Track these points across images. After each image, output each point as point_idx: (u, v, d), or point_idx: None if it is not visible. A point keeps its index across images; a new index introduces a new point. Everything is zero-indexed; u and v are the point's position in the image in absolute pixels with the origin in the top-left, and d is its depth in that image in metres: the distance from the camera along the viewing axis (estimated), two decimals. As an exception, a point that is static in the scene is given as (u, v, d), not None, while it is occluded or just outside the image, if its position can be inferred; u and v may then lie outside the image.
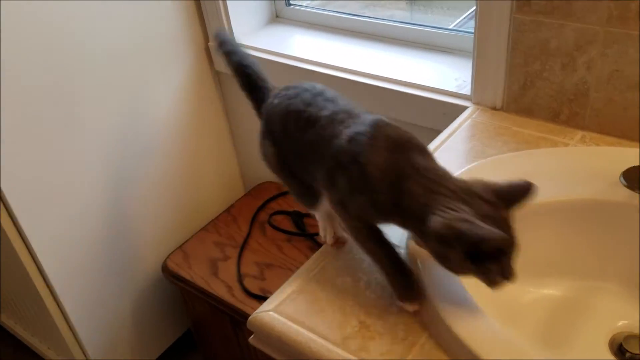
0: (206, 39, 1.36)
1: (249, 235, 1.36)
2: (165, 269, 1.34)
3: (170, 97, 1.34)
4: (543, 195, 0.75)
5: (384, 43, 1.24)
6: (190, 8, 1.30)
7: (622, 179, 0.75)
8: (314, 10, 1.35)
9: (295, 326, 0.63)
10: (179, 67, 1.34)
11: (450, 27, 1.22)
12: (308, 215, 1.36)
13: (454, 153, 0.88)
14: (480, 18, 0.91)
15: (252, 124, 1.49)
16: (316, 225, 0.77)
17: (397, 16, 1.31)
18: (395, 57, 1.20)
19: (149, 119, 1.32)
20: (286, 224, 1.38)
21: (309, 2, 1.38)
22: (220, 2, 1.27)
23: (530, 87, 0.90)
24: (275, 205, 1.44)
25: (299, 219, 1.38)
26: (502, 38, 0.89)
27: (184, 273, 1.30)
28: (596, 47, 0.81)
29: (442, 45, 1.18)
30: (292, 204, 1.42)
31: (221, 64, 1.37)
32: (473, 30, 0.93)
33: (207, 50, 1.37)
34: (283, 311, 0.65)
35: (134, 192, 1.34)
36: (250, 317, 0.65)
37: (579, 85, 0.85)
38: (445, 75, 1.10)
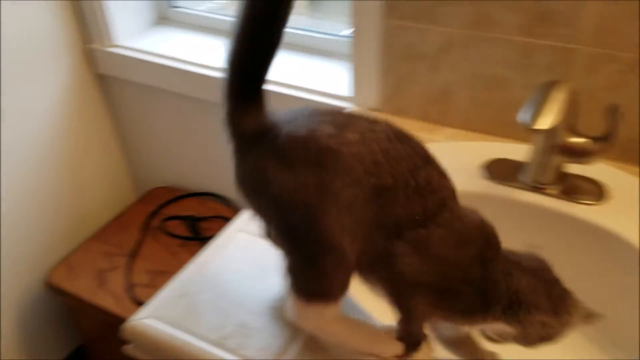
0: (85, 40, 1.30)
1: (140, 242, 1.32)
2: (48, 283, 1.27)
3: (46, 102, 1.27)
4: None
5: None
6: (67, 9, 1.24)
7: (483, 170, 0.81)
8: (200, 13, 1.34)
9: (172, 331, 0.63)
10: (56, 70, 1.27)
11: (343, 33, 1.25)
12: (203, 219, 1.35)
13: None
14: (356, 23, 0.94)
15: (143, 127, 1.46)
16: (212, 229, 0.76)
17: (296, 21, 1.32)
18: (286, 62, 1.21)
19: (25, 124, 1.24)
20: (181, 229, 1.36)
21: (200, 3, 1.36)
22: (98, 3, 1.22)
23: (403, 89, 0.95)
24: (168, 211, 1.41)
25: (193, 223, 1.36)
26: (376, 42, 0.93)
27: (69, 286, 1.24)
28: (458, 49, 0.87)
29: (333, 50, 1.21)
30: (187, 208, 1.40)
31: (105, 67, 1.32)
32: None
33: (88, 52, 1.31)
34: (160, 317, 0.64)
35: (12, 201, 1.26)
36: (124, 326, 0.64)
37: (444, 85, 0.91)
38: (335, 79, 1.12)
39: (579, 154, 0.71)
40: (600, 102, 0.73)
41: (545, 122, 0.63)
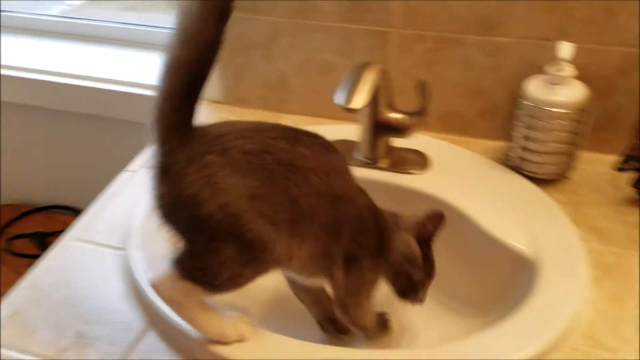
0: None
1: (-17, 267, 1.22)
2: None
3: None
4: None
5: (101, 44, 1.21)
6: None
7: (320, 153, 0.85)
8: (29, 16, 1.25)
9: (4, 352, 0.59)
10: None
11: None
12: (53, 234, 1.27)
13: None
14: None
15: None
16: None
17: (120, 16, 1.28)
18: (117, 58, 1.17)
19: None
20: (29, 247, 1.27)
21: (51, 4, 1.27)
22: None
23: (241, 79, 0.96)
24: (14, 229, 1.31)
25: (42, 239, 1.27)
26: (208, 34, 0.93)
27: None
28: (287, 38, 0.90)
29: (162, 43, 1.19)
30: (34, 224, 1.31)
31: None
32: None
33: None
34: (-12, 340, 0.60)
35: None
36: (-53, 356, 0.59)
37: (278, 73, 0.93)
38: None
39: (398, 129, 0.77)
40: (414, 79, 0.78)
41: (358, 101, 0.67)
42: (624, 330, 0.60)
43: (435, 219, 0.63)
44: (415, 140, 0.83)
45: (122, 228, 0.74)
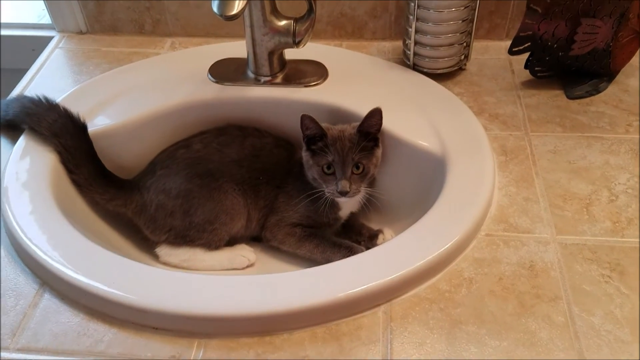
0: None
1: None
2: None
3: None
4: (144, 107, 0.73)
5: None
6: None
7: (209, 75, 0.78)
8: None
9: None
10: None
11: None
12: None
13: (47, 88, 0.78)
14: None
15: None
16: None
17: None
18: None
19: None
20: None
21: None
22: None
23: (105, 4, 0.85)
24: None
25: None
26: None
27: None
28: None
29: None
30: None
31: None
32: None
33: None
34: None
35: None
36: None
37: (146, -9, 0.84)
38: (26, 7, 0.97)
39: (288, 37, 0.71)
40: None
41: (232, 7, 0.60)
42: (533, 210, 0.61)
43: (376, 114, 0.65)
44: (311, 51, 0.78)
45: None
